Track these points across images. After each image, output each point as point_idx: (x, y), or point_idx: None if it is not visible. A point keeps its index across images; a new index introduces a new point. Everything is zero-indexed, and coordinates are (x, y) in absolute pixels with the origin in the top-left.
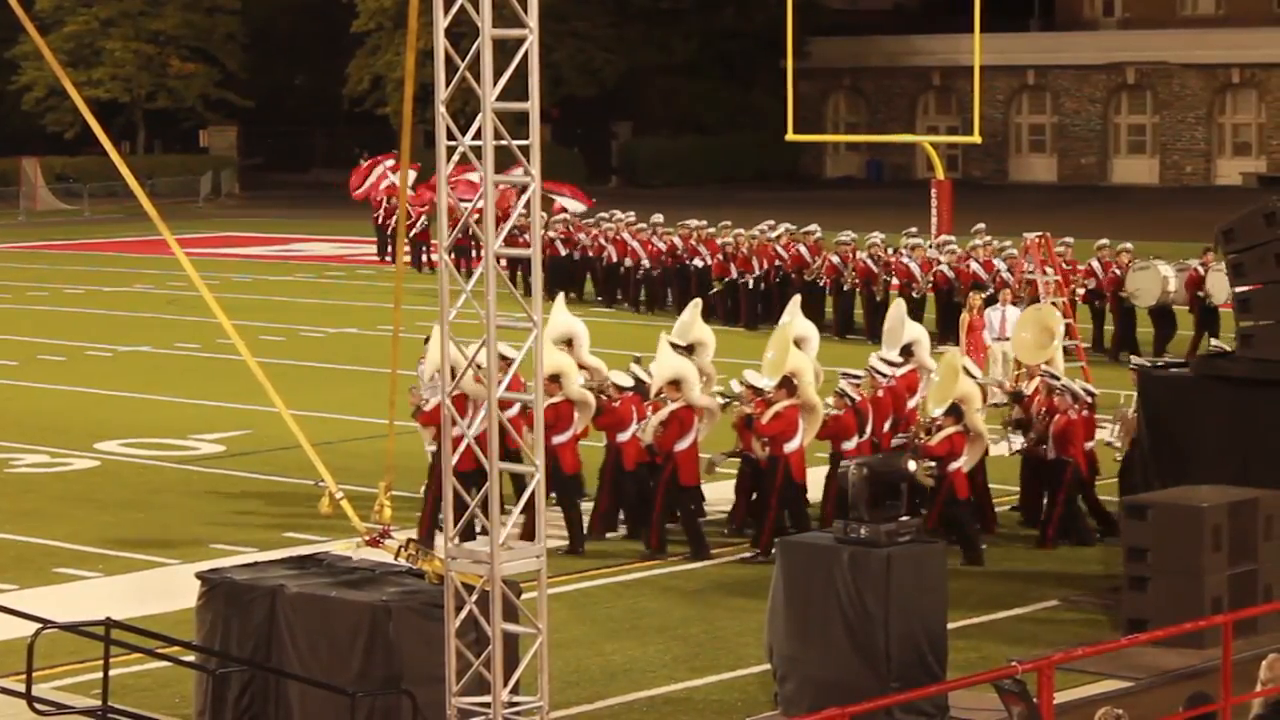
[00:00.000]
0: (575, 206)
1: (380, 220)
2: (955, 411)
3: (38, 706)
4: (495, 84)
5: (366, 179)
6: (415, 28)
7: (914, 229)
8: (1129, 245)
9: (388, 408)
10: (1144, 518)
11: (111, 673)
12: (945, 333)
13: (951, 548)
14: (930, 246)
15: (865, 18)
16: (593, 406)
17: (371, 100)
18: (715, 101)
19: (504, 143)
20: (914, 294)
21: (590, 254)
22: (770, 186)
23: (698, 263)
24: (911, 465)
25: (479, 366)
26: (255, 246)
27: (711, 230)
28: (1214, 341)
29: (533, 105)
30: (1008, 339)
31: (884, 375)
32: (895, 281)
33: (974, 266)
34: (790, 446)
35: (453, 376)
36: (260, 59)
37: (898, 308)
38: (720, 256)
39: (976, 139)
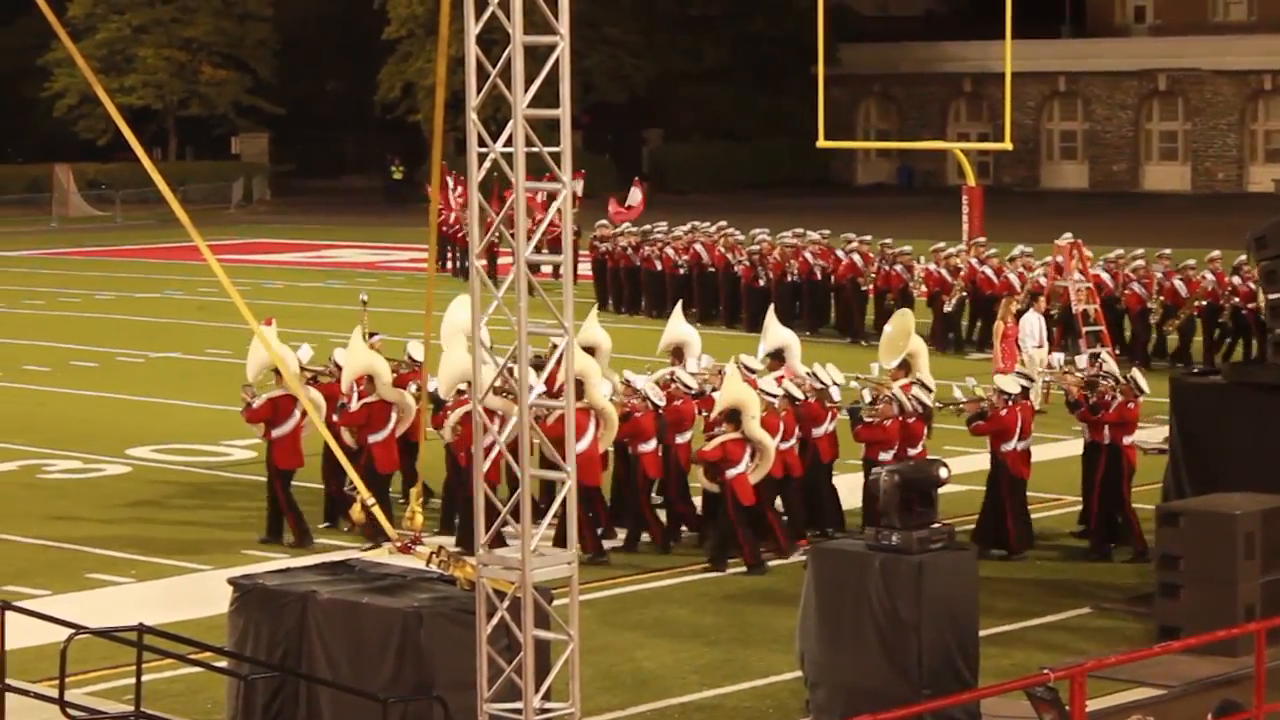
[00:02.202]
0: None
1: (449, 232)
2: (734, 418)
3: (70, 712)
4: (526, 91)
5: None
6: (446, 35)
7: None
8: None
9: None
10: (1176, 525)
11: (144, 678)
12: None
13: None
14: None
15: (896, 24)
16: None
17: (403, 107)
18: (746, 108)
19: (535, 150)
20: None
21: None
22: (801, 193)
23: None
24: (943, 472)
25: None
26: (286, 253)
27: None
28: None
29: (564, 112)
30: (1042, 346)
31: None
32: (924, 289)
33: (1009, 276)
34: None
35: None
36: (292, 66)
37: (903, 318)
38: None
39: (1008, 146)
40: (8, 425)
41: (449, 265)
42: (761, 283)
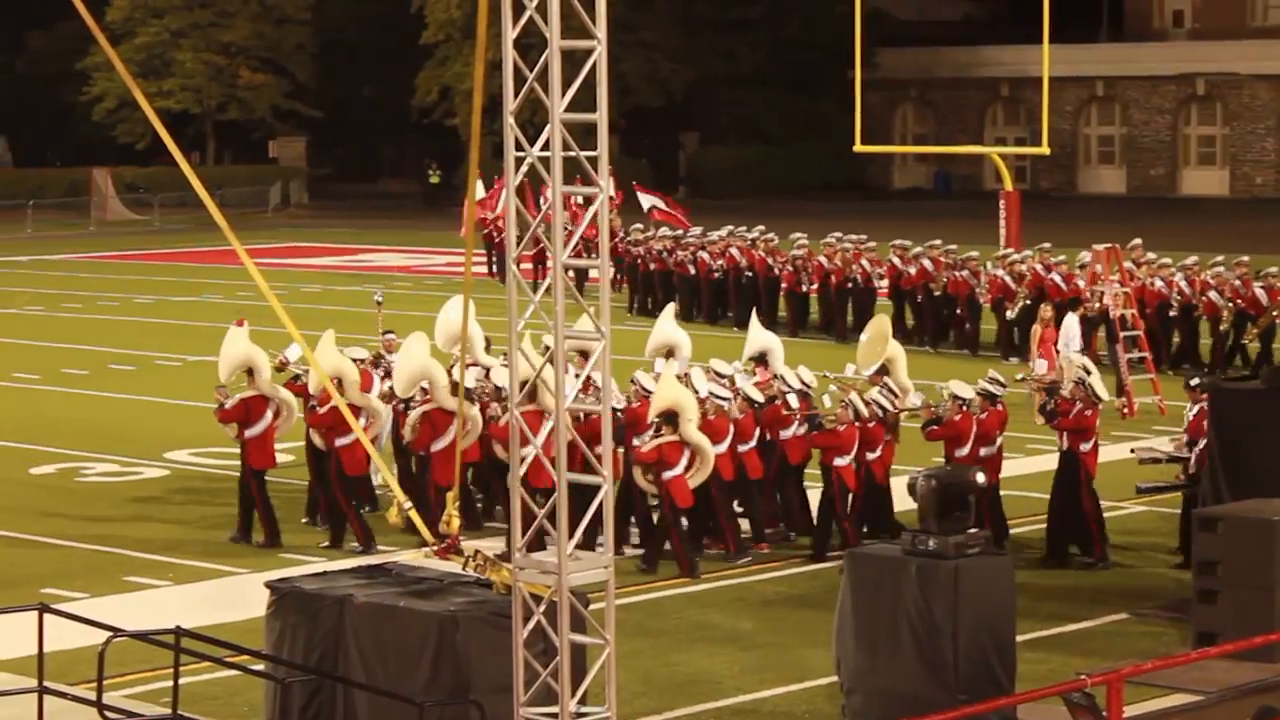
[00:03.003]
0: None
1: (494, 238)
2: (672, 420)
3: (108, 715)
4: (564, 95)
5: (499, 199)
6: (484, 39)
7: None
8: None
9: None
10: (1214, 530)
11: (181, 681)
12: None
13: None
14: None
15: (933, 29)
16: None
17: (440, 111)
18: (783, 112)
19: (572, 154)
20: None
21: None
22: (837, 197)
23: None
24: (981, 478)
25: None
26: (324, 257)
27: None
28: None
29: (601, 116)
30: (1081, 350)
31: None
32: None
33: (1079, 283)
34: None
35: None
36: (329, 70)
37: (879, 323)
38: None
39: (1045, 150)
40: (46, 428)
41: (493, 270)
42: (804, 288)
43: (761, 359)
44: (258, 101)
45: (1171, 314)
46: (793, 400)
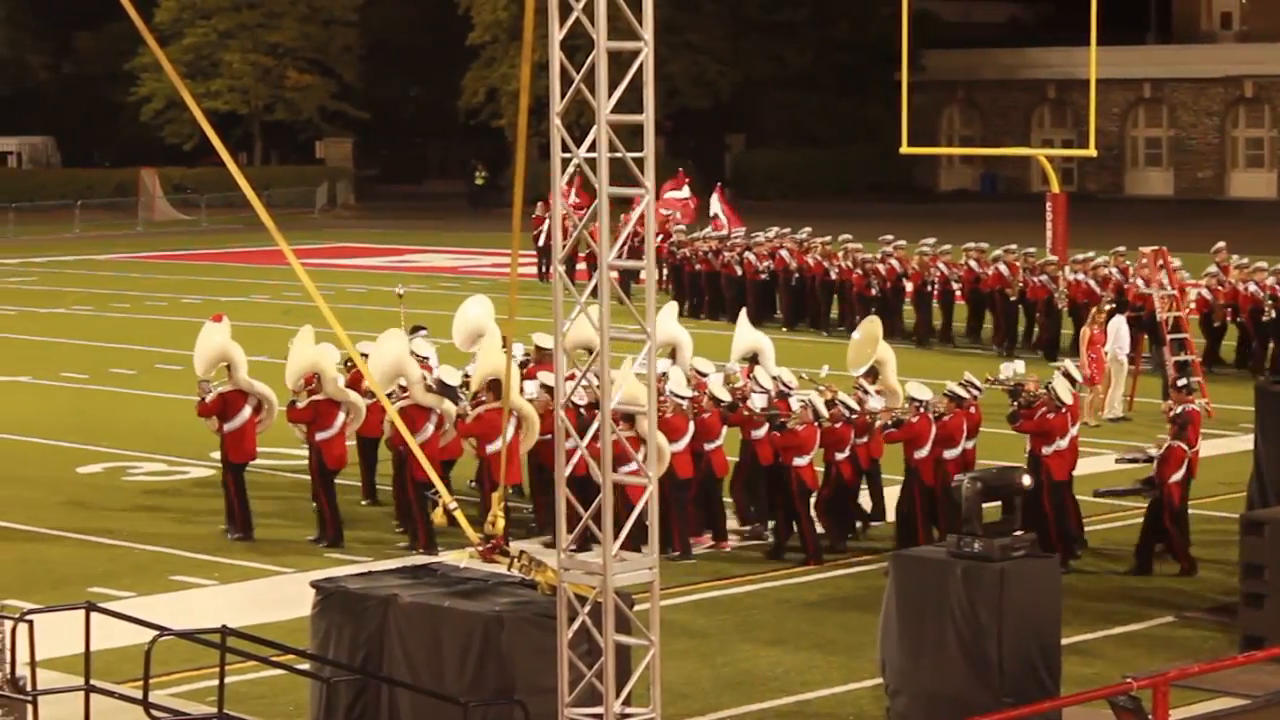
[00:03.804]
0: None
1: (541, 240)
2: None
3: (154, 713)
4: (610, 96)
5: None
6: (530, 40)
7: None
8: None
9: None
10: (1261, 534)
11: (227, 680)
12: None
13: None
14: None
15: (980, 30)
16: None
17: (486, 112)
18: (829, 114)
19: (618, 155)
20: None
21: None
22: (884, 199)
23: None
24: (1026, 480)
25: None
26: (370, 257)
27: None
28: None
29: (647, 117)
30: (1129, 352)
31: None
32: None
33: (1138, 283)
34: (492, 448)
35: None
36: (376, 71)
37: (871, 324)
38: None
39: (1092, 152)
40: (94, 428)
41: (543, 271)
42: (874, 291)
43: (753, 358)
44: (305, 102)
45: (1265, 319)
46: (758, 401)
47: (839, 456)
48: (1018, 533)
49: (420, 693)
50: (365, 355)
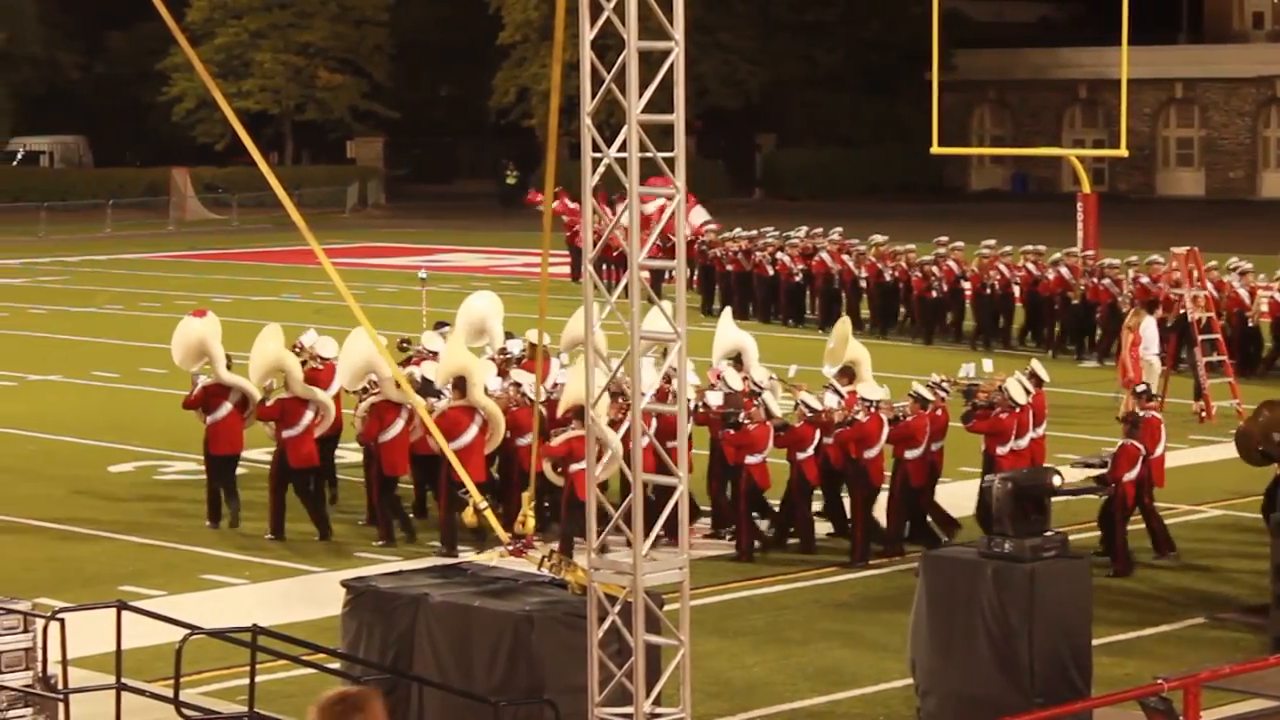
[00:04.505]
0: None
1: (575, 240)
2: (580, 415)
3: (185, 712)
4: (641, 96)
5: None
6: (561, 40)
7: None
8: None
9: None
10: None
11: (257, 679)
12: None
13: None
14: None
15: (1011, 30)
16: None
17: (517, 112)
18: (859, 114)
19: (649, 155)
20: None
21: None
22: (914, 199)
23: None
24: (1057, 480)
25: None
26: (400, 257)
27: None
28: None
29: (678, 117)
30: (1159, 353)
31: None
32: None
33: (1239, 290)
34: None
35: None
36: (407, 70)
37: (843, 325)
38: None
39: (1123, 153)
40: (125, 427)
41: (576, 272)
42: (934, 294)
43: (736, 359)
44: (336, 102)
45: None
46: (713, 399)
47: (800, 456)
48: (1048, 533)
49: (450, 692)
50: (507, 354)
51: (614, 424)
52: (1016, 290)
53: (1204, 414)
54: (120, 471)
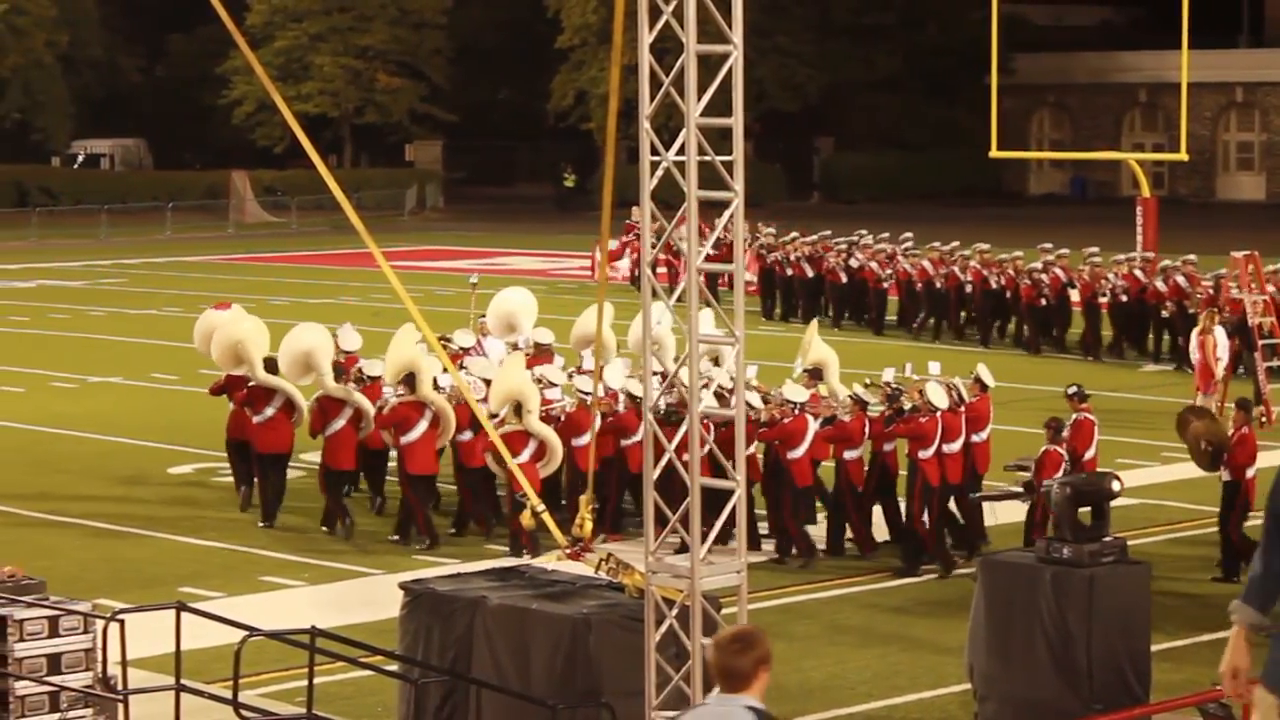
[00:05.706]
0: None
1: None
2: (518, 411)
3: (244, 713)
4: (699, 99)
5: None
6: (620, 44)
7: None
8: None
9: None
10: None
11: (315, 681)
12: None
13: None
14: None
15: (1071, 34)
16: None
17: (575, 115)
18: (918, 117)
19: (707, 158)
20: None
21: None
22: (973, 203)
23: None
24: (1116, 485)
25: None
26: (459, 260)
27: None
28: None
29: (736, 121)
30: (1219, 359)
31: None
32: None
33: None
34: (406, 439)
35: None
36: (466, 74)
37: (810, 326)
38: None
39: (1183, 156)
40: (184, 429)
41: (633, 275)
42: (1044, 302)
43: (715, 361)
44: (395, 105)
45: None
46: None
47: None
48: (1107, 538)
49: (508, 694)
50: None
51: (568, 417)
52: (1125, 298)
53: (1264, 419)
54: (179, 473)
